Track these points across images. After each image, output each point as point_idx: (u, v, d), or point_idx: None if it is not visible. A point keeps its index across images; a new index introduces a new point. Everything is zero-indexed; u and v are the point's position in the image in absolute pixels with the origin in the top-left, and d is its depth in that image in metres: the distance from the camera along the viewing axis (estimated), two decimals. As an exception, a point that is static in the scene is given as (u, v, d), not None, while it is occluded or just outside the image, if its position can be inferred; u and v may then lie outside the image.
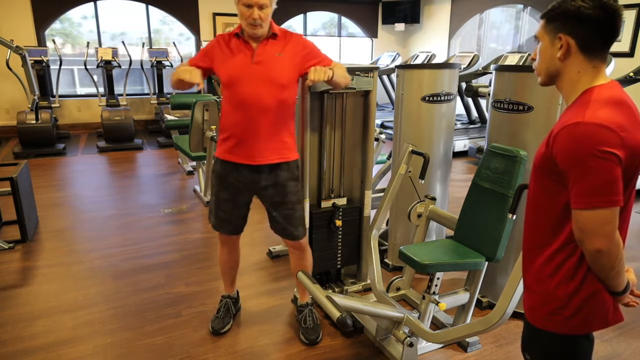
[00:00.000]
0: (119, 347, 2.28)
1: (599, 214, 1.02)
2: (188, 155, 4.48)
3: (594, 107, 1.03)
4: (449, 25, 8.88)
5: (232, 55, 2.03)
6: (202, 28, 8.16)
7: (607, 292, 1.15)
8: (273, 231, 2.28)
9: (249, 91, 2.00)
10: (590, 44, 1.08)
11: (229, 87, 2.04)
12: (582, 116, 1.02)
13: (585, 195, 1.02)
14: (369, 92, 2.54)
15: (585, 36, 1.07)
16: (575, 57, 1.10)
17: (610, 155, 0.99)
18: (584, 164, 1.00)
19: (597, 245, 1.04)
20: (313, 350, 2.28)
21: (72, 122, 7.66)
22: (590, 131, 1.00)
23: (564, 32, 1.09)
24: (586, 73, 1.10)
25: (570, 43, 1.09)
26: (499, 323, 1.85)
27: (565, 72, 1.12)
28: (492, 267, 2.46)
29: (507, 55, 5.96)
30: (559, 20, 1.10)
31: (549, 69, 1.15)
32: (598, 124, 1.00)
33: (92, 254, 3.27)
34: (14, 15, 6.96)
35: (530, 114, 2.32)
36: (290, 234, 2.23)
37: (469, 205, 2.23)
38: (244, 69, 2.01)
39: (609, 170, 1.00)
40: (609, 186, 1.00)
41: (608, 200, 1.01)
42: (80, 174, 5.30)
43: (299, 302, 2.48)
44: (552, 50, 1.12)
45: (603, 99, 1.05)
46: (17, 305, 2.63)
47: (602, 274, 1.10)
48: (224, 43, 2.07)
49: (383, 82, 8.60)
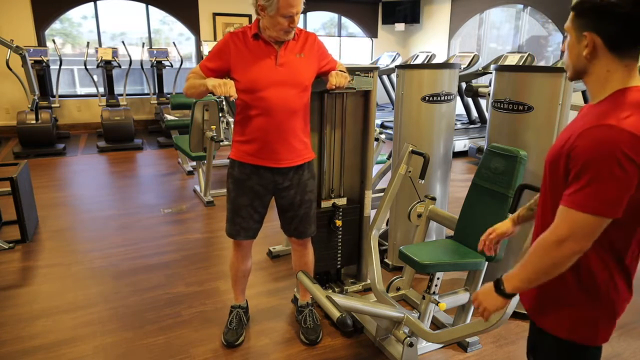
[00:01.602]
0: (119, 347, 2.28)
1: (598, 221, 1.00)
2: (188, 155, 4.48)
3: (629, 111, 0.99)
4: (449, 25, 8.88)
5: (254, 59, 1.94)
6: (202, 28, 8.16)
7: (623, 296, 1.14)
8: (284, 231, 2.28)
9: (275, 96, 1.94)
10: (621, 43, 1.01)
11: (252, 92, 1.94)
12: (616, 119, 0.98)
13: (593, 200, 0.99)
14: (369, 92, 2.54)
15: (615, 35, 1.00)
16: (603, 56, 1.04)
17: (635, 168, 0.96)
18: (606, 170, 0.96)
19: (583, 246, 1.03)
20: (313, 350, 2.28)
21: (72, 122, 7.66)
22: (622, 139, 0.96)
23: (591, 29, 1.02)
24: (617, 72, 1.04)
25: (597, 42, 1.02)
26: (499, 323, 1.85)
27: (593, 71, 1.07)
28: (492, 267, 2.46)
29: (507, 55, 5.96)
30: (587, 16, 1.03)
31: (575, 66, 1.10)
32: (631, 132, 0.96)
33: (92, 254, 3.27)
34: (14, 15, 6.96)
35: (530, 114, 2.32)
36: (303, 233, 2.23)
37: (469, 205, 2.23)
38: (269, 73, 1.94)
39: (626, 182, 0.97)
40: (619, 198, 0.98)
41: (613, 211, 0.99)
42: (80, 174, 5.30)
43: (299, 302, 2.47)
44: (579, 47, 1.06)
45: (637, 103, 1.00)
46: (17, 305, 2.63)
47: (548, 275, 1.08)
48: (240, 44, 1.96)
49: (383, 82, 8.60)
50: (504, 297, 1.16)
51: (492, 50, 8.38)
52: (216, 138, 4.06)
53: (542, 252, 1.07)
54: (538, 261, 1.08)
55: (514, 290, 1.15)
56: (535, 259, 1.09)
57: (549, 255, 1.06)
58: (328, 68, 2.10)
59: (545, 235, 1.07)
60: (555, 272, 1.08)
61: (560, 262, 1.05)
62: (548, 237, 1.06)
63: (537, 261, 1.08)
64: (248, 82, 1.94)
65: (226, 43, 1.97)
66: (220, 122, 4.35)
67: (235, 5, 8.30)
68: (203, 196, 4.41)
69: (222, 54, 1.97)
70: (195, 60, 8.49)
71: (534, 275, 1.10)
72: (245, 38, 1.96)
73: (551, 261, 1.06)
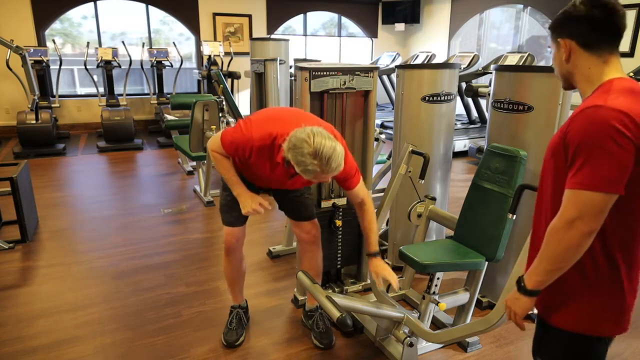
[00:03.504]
0: (119, 347, 2.28)
1: (602, 198, 1.02)
2: (188, 155, 4.48)
3: (615, 94, 1.05)
4: (449, 25, 8.88)
5: (272, 168, 1.91)
6: (202, 28, 8.16)
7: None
8: (287, 215, 2.29)
9: (273, 186, 2.13)
10: (592, 40, 1.11)
11: (250, 173, 2.03)
12: (603, 100, 1.04)
13: (593, 178, 1.02)
14: (369, 92, 2.54)
15: (585, 34, 1.11)
16: (580, 56, 1.14)
17: (628, 142, 1.00)
18: (600, 147, 1.01)
19: (593, 226, 1.04)
20: (313, 350, 2.28)
21: (72, 122, 7.66)
22: (611, 115, 1.01)
23: (563, 35, 1.15)
24: (597, 67, 1.13)
25: (572, 45, 1.14)
26: (499, 323, 1.85)
27: (577, 72, 1.16)
28: (492, 267, 2.46)
29: (507, 55, 5.96)
30: (559, 26, 1.17)
31: (561, 73, 1.21)
32: (619, 109, 1.01)
33: (92, 254, 3.27)
34: (14, 15, 6.97)
35: (530, 114, 2.32)
36: (300, 214, 2.23)
37: (469, 205, 2.23)
38: (277, 181, 2.02)
39: (622, 157, 1.00)
40: (617, 173, 1.01)
41: (614, 187, 1.02)
42: (80, 174, 5.30)
43: (307, 307, 2.46)
44: (560, 55, 1.18)
45: (623, 88, 1.07)
46: (17, 305, 2.63)
47: (565, 261, 1.09)
48: (266, 155, 1.88)
49: (383, 82, 8.61)
50: (527, 295, 1.17)
51: (492, 50, 8.38)
52: (216, 138, 4.05)
53: (553, 239, 1.08)
54: (553, 249, 1.09)
55: (535, 285, 1.15)
56: (549, 247, 1.10)
57: (561, 240, 1.07)
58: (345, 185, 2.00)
59: (554, 221, 1.09)
60: (571, 258, 1.08)
61: (573, 245, 1.06)
62: (557, 222, 1.08)
63: (552, 249, 1.09)
64: (252, 172, 2.01)
65: (252, 149, 1.85)
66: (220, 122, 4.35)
67: (235, 5, 8.30)
68: (203, 196, 4.41)
69: (246, 152, 1.88)
70: (195, 61, 8.50)
71: (551, 265, 1.10)
72: (273, 155, 1.87)
73: (564, 245, 1.07)
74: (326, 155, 1.61)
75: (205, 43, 7.57)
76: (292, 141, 1.65)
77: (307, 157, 1.61)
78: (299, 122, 1.79)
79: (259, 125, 1.84)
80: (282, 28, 8.94)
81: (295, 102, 2.44)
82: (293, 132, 1.68)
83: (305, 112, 2.04)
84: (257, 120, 1.88)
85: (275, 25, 8.76)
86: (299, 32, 9.33)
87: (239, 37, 8.47)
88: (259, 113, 1.97)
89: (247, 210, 1.94)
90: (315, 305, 2.41)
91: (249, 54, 5.85)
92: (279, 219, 3.94)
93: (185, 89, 8.65)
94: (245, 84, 8.21)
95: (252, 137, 1.82)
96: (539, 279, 1.14)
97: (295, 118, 1.86)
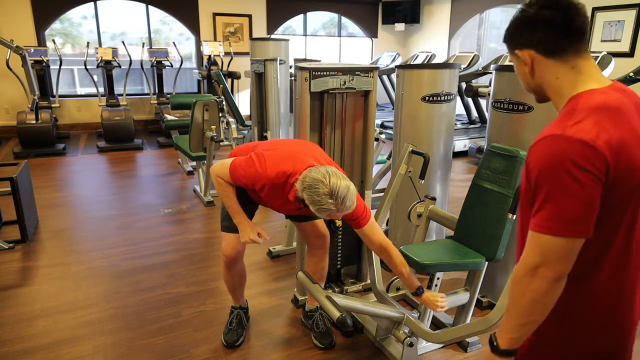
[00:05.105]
0: (119, 347, 2.28)
1: (565, 243, 0.89)
2: (188, 155, 4.48)
3: (578, 118, 0.90)
4: (449, 25, 8.88)
5: (284, 203, 1.94)
6: (202, 28, 8.16)
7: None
8: (294, 220, 2.28)
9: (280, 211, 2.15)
10: (551, 45, 0.97)
11: (257, 197, 2.06)
12: (562, 128, 0.90)
13: (553, 220, 0.89)
14: (369, 92, 2.54)
15: (542, 40, 0.97)
16: (544, 66, 0.99)
17: (591, 177, 0.86)
18: (558, 184, 0.87)
19: (559, 270, 0.91)
20: (313, 350, 2.28)
21: (72, 122, 7.66)
22: (568, 147, 0.87)
23: (520, 46, 1.01)
24: (566, 77, 0.98)
25: (532, 55, 1.00)
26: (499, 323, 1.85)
27: (545, 84, 1.02)
28: (492, 267, 2.46)
29: (507, 55, 5.96)
30: (513, 38, 1.03)
31: (529, 87, 1.07)
32: (579, 139, 0.87)
33: (92, 254, 3.27)
34: (14, 15, 6.96)
35: (530, 114, 2.32)
36: (309, 215, 2.21)
37: (469, 205, 2.23)
38: (285, 209, 2.06)
39: (585, 195, 0.87)
40: (580, 213, 0.88)
41: (579, 230, 0.89)
42: (80, 174, 5.30)
43: (307, 307, 2.46)
44: (522, 69, 1.04)
45: (590, 107, 0.91)
46: (17, 305, 2.63)
47: (535, 314, 0.95)
48: (279, 191, 1.89)
49: (383, 82, 8.61)
50: (501, 355, 1.02)
51: (492, 50, 8.38)
52: (216, 138, 4.06)
53: (518, 289, 0.95)
54: (518, 301, 0.96)
55: (509, 344, 1.00)
56: (515, 299, 0.96)
57: (526, 290, 0.94)
58: (355, 224, 1.97)
59: (517, 268, 0.96)
60: (542, 309, 0.95)
61: (540, 295, 0.92)
62: (519, 269, 0.95)
63: (517, 301, 0.96)
64: (261, 198, 2.01)
65: (264, 183, 1.87)
66: (220, 122, 4.35)
67: (235, 5, 8.30)
68: (203, 196, 4.41)
69: (256, 184, 1.90)
70: (195, 61, 8.50)
71: (522, 319, 0.96)
72: (286, 191, 1.87)
73: (530, 297, 0.93)
74: (341, 195, 1.67)
75: (205, 43, 7.57)
76: (308, 181, 1.70)
77: (322, 197, 1.67)
78: (312, 160, 1.84)
79: (273, 163, 1.85)
80: (282, 28, 8.94)
81: (295, 102, 2.43)
82: (307, 172, 1.73)
83: (314, 146, 2.02)
84: (271, 156, 1.88)
85: (275, 25, 8.76)
86: (299, 32, 9.33)
87: (239, 37, 8.47)
88: (270, 147, 1.96)
89: (246, 240, 1.97)
90: (316, 306, 2.41)
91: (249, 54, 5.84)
92: (279, 219, 3.94)
93: (185, 89, 8.65)
94: (245, 84, 8.21)
95: (266, 175, 1.85)
96: (512, 337, 0.99)
97: (308, 156, 1.88)
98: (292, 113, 5.31)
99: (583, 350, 1.03)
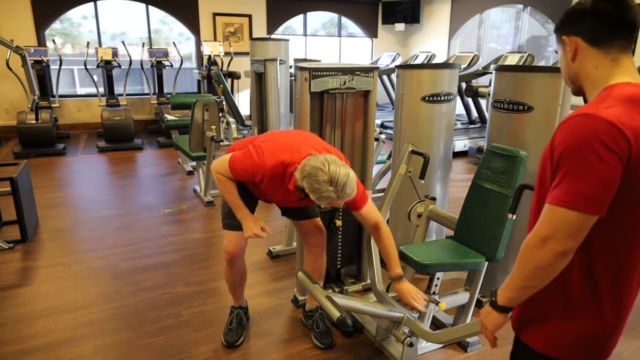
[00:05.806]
0: (119, 347, 2.28)
1: (579, 217, 0.93)
2: (188, 155, 4.48)
3: (611, 102, 0.95)
4: (449, 25, 8.88)
5: (285, 194, 1.95)
6: (202, 28, 8.16)
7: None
8: (292, 218, 2.28)
9: (281, 204, 2.19)
10: (598, 35, 1.02)
11: (257, 191, 2.08)
12: (594, 109, 0.94)
13: (570, 194, 0.93)
14: (369, 92, 2.54)
15: (591, 29, 1.02)
16: (587, 54, 1.04)
17: (614, 157, 0.90)
18: (582, 160, 0.91)
19: (567, 245, 0.95)
20: (313, 350, 2.28)
21: (72, 122, 7.66)
22: (599, 127, 0.91)
23: (568, 33, 1.06)
24: (605, 67, 1.02)
25: (578, 42, 1.04)
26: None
27: (583, 72, 1.06)
28: (492, 267, 2.46)
29: (507, 55, 5.96)
30: (563, 25, 1.08)
31: (568, 75, 1.11)
32: (609, 120, 0.91)
33: (92, 254, 3.27)
34: (14, 15, 6.96)
35: (530, 114, 2.32)
36: (308, 214, 2.23)
37: (469, 205, 2.23)
38: (287, 202, 2.09)
39: (606, 173, 0.90)
40: (599, 191, 0.91)
41: (594, 207, 0.92)
42: (80, 174, 5.30)
43: (307, 307, 2.46)
44: (565, 55, 1.09)
45: (622, 97, 0.96)
46: (17, 305, 2.63)
47: (536, 280, 1.01)
48: (278, 182, 1.90)
49: (383, 82, 8.61)
50: (497, 310, 1.10)
51: (492, 50, 8.38)
52: (216, 138, 4.06)
53: (525, 256, 1.01)
54: (523, 266, 1.02)
55: (506, 301, 1.09)
56: (521, 263, 1.02)
57: (532, 258, 0.99)
58: (353, 207, 1.99)
59: (528, 237, 1.01)
60: (543, 278, 1.00)
61: (544, 265, 0.98)
62: (530, 238, 1.00)
63: (522, 266, 1.02)
64: (261, 191, 2.03)
65: (263, 177, 1.88)
66: (220, 122, 4.35)
67: (235, 5, 8.30)
68: (203, 196, 4.41)
69: (256, 176, 1.90)
70: (195, 61, 8.50)
71: (522, 282, 1.03)
72: (286, 180, 1.88)
73: (535, 264, 0.99)
74: (341, 182, 1.68)
75: (205, 43, 7.57)
76: (307, 170, 1.71)
77: (322, 184, 1.67)
78: (309, 150, 1.83)
79: (271, 153, 1.85)
80: (282, 28, 8.94)
81: (295, 102, 2.44)
82: (306, 161, 1.74)
83: (312, 136, 2.02)
84: (268, 147, 1.88)
85: (275, 25, 8.76)
86: (299, 32, 9.33)
87: (239, 37, 8.47)
88: (267, 138, 1.96)
89: (249, 235, 1.97)
90: (316, 306, 2.41)
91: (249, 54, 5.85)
92: (279, 219, 3.94)
93: (185, 89, 8.65)
94: (245, 84, 8.21)
95: (264, 165, 1.85)
96: (510, 296, 1.07)
97: (305, 145, 1.88)
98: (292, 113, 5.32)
99: (577, 329, 1.06)
